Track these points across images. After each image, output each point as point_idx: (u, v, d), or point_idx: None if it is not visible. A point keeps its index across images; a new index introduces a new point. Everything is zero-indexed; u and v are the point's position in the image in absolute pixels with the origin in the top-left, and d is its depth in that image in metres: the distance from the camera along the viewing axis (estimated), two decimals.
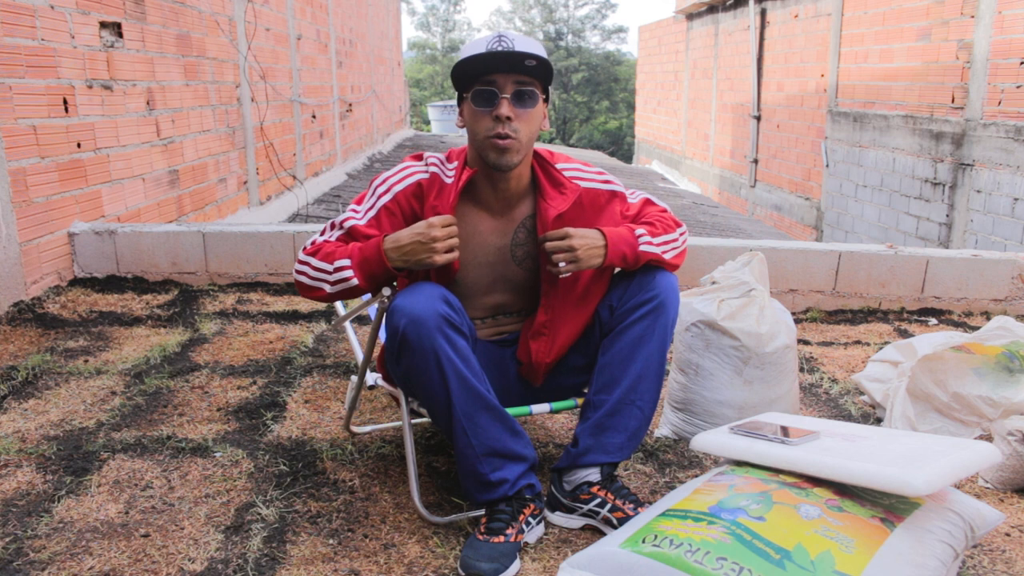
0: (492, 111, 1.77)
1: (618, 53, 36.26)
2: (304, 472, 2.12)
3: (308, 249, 1.86)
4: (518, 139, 1.78)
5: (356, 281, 1.79)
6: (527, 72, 1.77)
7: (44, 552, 1.75)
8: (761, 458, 1.73)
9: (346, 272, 1.79)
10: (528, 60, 1.74)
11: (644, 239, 1.88)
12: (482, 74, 1.77)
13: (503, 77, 1.76)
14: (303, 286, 1.86)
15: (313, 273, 1.83)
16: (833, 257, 3.77)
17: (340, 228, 1.87)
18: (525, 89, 1.78)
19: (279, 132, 6.91)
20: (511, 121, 1.77)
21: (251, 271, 3.93)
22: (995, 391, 2.28)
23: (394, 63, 14.56)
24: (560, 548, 1.81)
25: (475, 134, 1.82)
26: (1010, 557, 1.81)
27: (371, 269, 1.78)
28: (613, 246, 1.83)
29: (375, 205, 1.86)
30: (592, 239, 1.81)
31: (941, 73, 6.80)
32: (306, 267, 1.84)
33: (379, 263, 1.77)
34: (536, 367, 1.96)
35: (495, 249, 1.91)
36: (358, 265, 1.79)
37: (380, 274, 1.79)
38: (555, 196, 1.88)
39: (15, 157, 3.37)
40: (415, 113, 25.46)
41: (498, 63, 1.75)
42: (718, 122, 12.95)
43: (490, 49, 1.76)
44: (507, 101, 1.76)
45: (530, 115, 1.80)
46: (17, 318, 3.31)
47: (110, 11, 4.15)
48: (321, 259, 1.82)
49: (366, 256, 1.79)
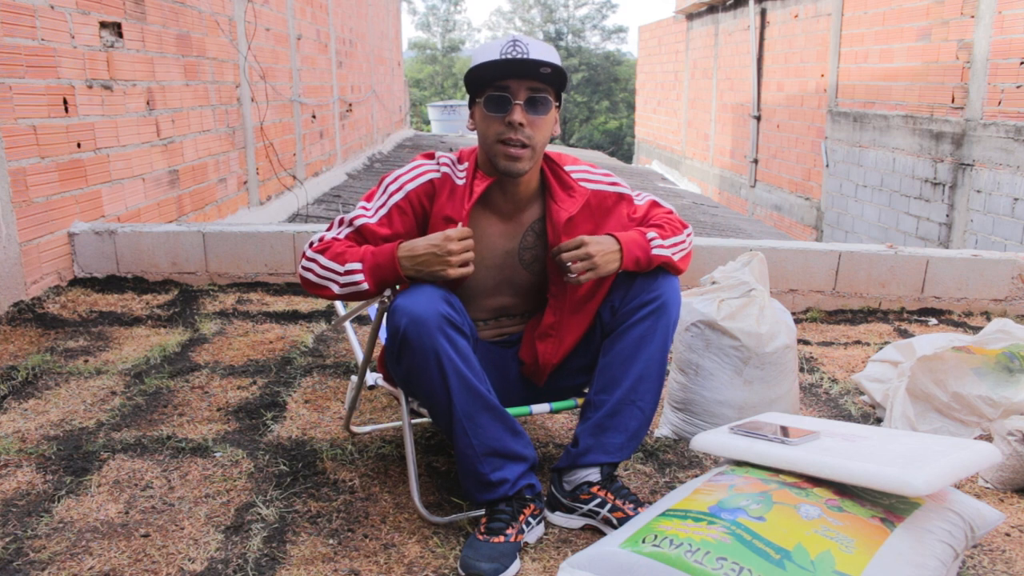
0: (505, 117, 1.77)
1: (618, 53, 36.27)
2: (304, 472, 2.12)
3: (316, 246, 1.83)
4: (532, 146, 1.78)
5: (366, 285, 1.78)
6: (541, 79, 1.76)
7: (44, 552, 1.75)
8: (761, 458, 1.73)
9: (357, 276, 1.77)
10: (543, 68, 1.74)
11: (656, 242, 1.87)
12: (496, 79, 1.77)
13: (517, 83, 1.76)
14: (309, 283, 1.84)
15: (321, 272, 1.80)
16: (833, 257, 3.77)
17: (350, 226, 1.85)
18: (539, 96, 1.77)
19: (279, 132, 6.91)
20: (524, 128, 1.76)
21: (251, 271, 3.93)
22: (995, 391, 2.28)
23: (394, 63, 14.56)
24: (560, 548, 1.81)
25: (486, 138, 1.81)
26: (1010, 557, 1.81)
27: (383, 275, 1.77)
28: (628, 251, 1.83)
29: (387, 203, 1.84)
30: (607, 245, 1.81)
31: (941, 73, 6.81)
32: (314, 264, 1.81)
33: (392, 270, 1.76)
34: (543, 368, 1.96)
35: (503, 253, 1.91)
36: (370, 270, 1.77)
37: (391, 280, 1.78)
38: (565, 199, 1.89)
39: (15, 157, 3.37)
40: (415, 113, 25.46)
41: (513, 70, 1.75)
42: (718, 122, 12.95)
43: (504, 55, 1.75)
44: (520, 107, 1.76)
45: (543, 122, 1.80)
46: (17, 318, 3.32)
47: (110, 11, 4.15)
48: (330, 258, 1.79)
49: (379, 262, 1.77)
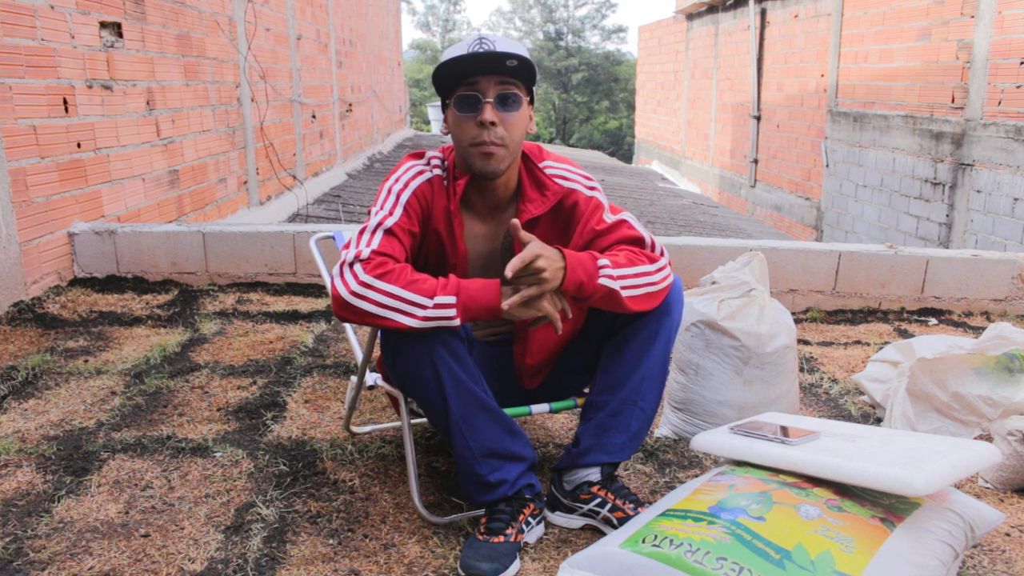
0: (476, 116, 1.74)
1: (618, 53, 36.30)
2: (304, 472, 2.12)
3: (370, 270, 1.62)
4: (504, 145, 1.75)
5: (457, 321, 1.63)
6: (509, 73, 1.74)
7: (44, 552, 1.75)
8: (761, 458, 1.73)
9: (448, 311, 1.62)
10: (509, 60, 1.71)
11: (605, 271, 1.70)
12: (464, 77, 1.75)
13: (486, 80, 1.74)
14: (359, 313, 1.62)
15: (388, 301, 1.61)
16: (833, 257, 3.77)
17: (381, 230, 1.71)
18: (508, 92, 1.74)
19: (279, 132, 6.91)
20: (495, 127, 1.73)
21: (251, 271, 3.93)
22: (995, 391, 2.28)
23: (394, 63, 14.55)
24: (560, 548, 1.81)
25: (460, 141, 1.78)
26: (1010, 557, 1.81)
27: (475, 314, 1.64)
28: (571, 271, 1.66)
29: (399, 200, 1.78)
30: (555, 260, 1.65)
31: (941, 73, 6.80)
32: (373, 292, 1.61)
33: (489, 311, 1.64)
34: (520, 368, 1.96)
35: (487, 253, 1.90)
36: (463, 305, 1.63)
37: (482, 317, 1.66)
38: (535, 198, 1.85)
39: (15, 157, 3.37)
40: (415, 113, 25.44)
41: (479, 64, 1.73)
42: (718, 122, 12.94)
43: (471, 51, 1.73)
44: (490, 106, 1.73)
45: (515, 119, 1.76)
46: (17, 318, 3.31)
47: (110, 11, 4.15)
48: (405, 287, 1.62)
49: (475, 297, 1.63)
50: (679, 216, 8.74)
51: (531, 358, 1.94)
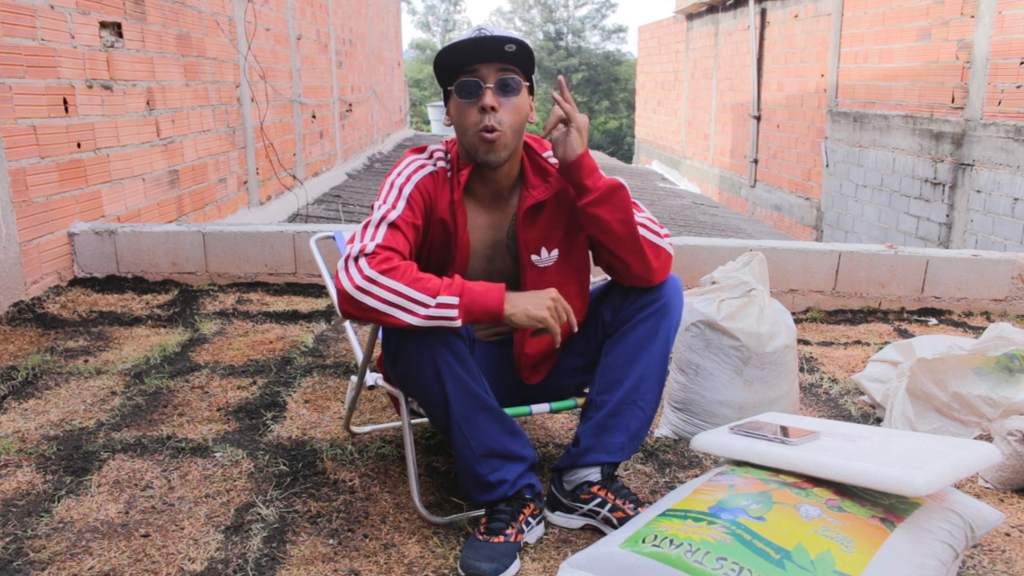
0: (477, 102, 1.77)
1: (618, 53, 36.27)
2: (304, 472, 2.12)
3: (375, 265, 1.63)
4: (503, 131, 1.76)
5: (459, 323, 1.64)
6: (509, 59, 1.77)
7: (44, 552, 1.75)
8: (761, 458, 1.73)
9: (451, 311, 1.62)
10: (508, 45, 1.74)
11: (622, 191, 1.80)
12: (464, 65, 1.77)
13: (485, 67, 1.76)
14: (362, 308, 1.63)
15: (391, 297, 1.62)
16: (833, 257, 3.77)
17: (385, 223, 1.71)
18: (508, 78, 1.77)
19: (279, 132, 6.91)
20: (495, 112, 1.76)
21: (251, 271, 3.92)
22: (995, 391, 2.28)
23: (394, 63, 14.55)
24: (560, 548, 1.81)
25: (464, 129, 1.80)
26: (1010, 557, 1.81)
27: (477, 316, 1.66)
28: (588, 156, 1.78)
29: (402, 194, 1.79)
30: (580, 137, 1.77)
31: (941, 73, 6.80)
32: (377, 287, 1.62)
33: (491, 314, 1.66)
34: (519, 359, 1.95)
35: (492, 243, 1.91)
36: (465, 308, 1.63)
37: (484, 321, 1.68)
38: (538, 184, 1.88)
39: (15, 157, 3.37)
40: (415, 113, 25.44)
41: (478, 50, 1.75)
42: (718, 122, 12.94)
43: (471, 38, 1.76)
44: (491, 91, 1.76)
45: (515, 105, 1.79)
46: (17, 318, 3.31)
47: (110, 11, 4.15)
48: (409, 284, 1.62)
49: (478, 301, 1.64)
50: (679, 216, 8.74)
51: (531, 347, 1.94)
